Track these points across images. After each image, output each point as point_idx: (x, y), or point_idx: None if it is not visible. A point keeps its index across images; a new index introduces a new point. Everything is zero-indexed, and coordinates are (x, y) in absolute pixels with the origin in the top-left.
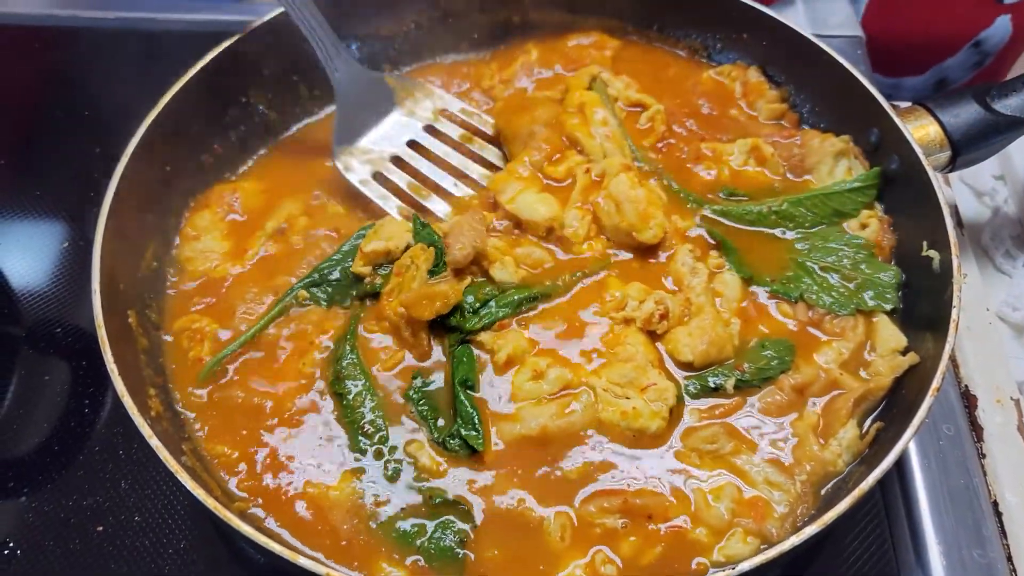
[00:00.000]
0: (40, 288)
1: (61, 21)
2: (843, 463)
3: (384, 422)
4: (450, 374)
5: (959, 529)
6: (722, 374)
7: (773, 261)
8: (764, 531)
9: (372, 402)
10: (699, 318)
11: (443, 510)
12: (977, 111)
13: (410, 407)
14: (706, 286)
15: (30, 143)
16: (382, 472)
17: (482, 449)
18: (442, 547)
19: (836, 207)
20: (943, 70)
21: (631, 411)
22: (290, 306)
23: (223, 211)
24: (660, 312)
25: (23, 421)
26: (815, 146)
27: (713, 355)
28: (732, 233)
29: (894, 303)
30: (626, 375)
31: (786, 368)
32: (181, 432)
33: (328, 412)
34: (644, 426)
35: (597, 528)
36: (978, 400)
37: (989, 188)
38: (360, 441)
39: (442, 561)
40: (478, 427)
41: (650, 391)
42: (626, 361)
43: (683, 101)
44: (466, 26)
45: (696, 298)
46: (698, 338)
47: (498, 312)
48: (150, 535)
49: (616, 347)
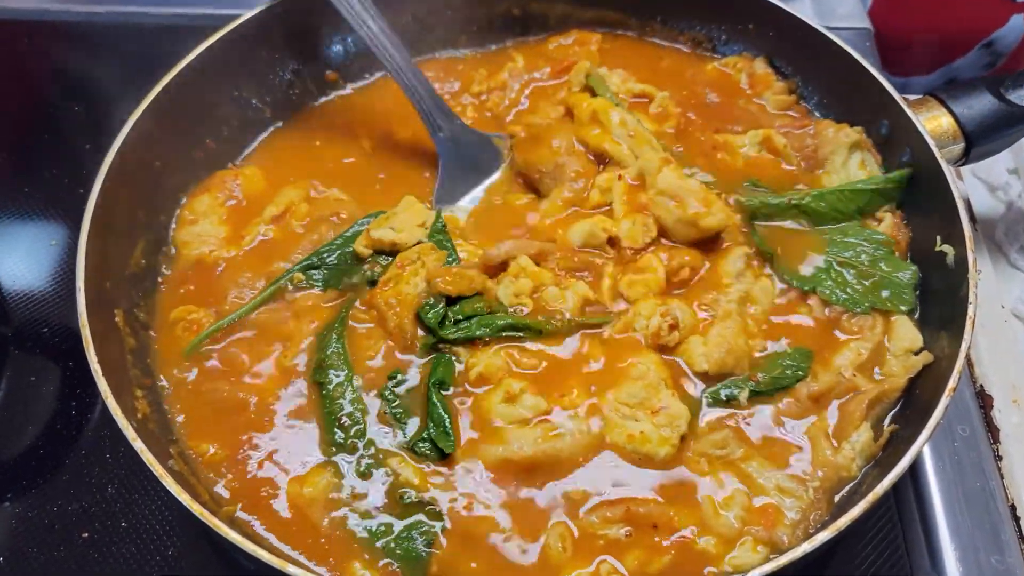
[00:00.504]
0: (29, 287)
1: (54, 16)
2: (856, 467)
3: (362, 416)
4: (426, 376)
5: (975, 533)
6: (735, 385)
7: (792, 254)
8: (775, 539)
9: (352, 394)
10: (722, 324)
11: (412, 509)
12: (991, 102)
13: (384, 407)
14: (742, 295)
15: (19, 139)
16: (354, 468)
17: (451, 452)
18: (408, 549)
19: (861, 205)
20: (953, 70)
21: (638, 435)
22: (284, 289)
23: (223, 196)
24: (669, 323)
25: (9, 424)
26: (829, 136)
27: (730, 365)
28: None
29: (911, 304)
30: (636, 395)
31: (802, 376)
32: (168, 435)
33: (307, 403)
34: (652, 452)
35: (600, 540)
36: (994, 400)
37: (1003, 182)
38: (335, 434)
39: (407, 563)
40: (449, 430)
41: (661, 415)
42: (637, 380)
43: (689, 92)
44: (465, 19)
45: (727, 304)
46: (715, 346)
47: (475, 329)
48: (136, 541)
49: (625, 364)
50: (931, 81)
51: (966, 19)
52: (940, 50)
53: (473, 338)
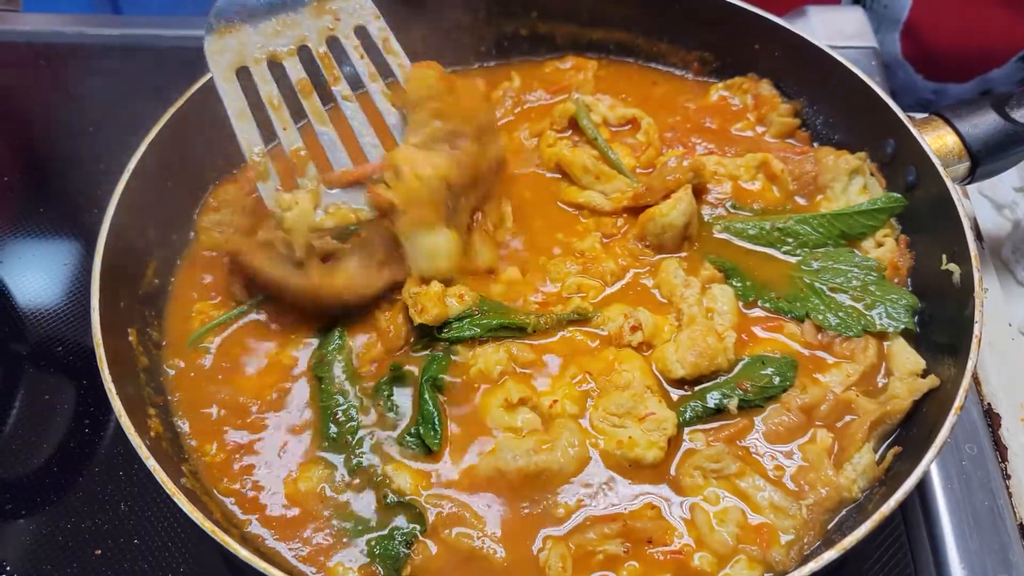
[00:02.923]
0: (44, 306)
1: (67, 38)
2: (859, 489)
3: (357, 412)
4: (420, 372)
5: (984, 553)
6: (723, 393)
7: (779, 281)
8: (768, 559)
9: (349, 389)
10: (689, 329)
11: (396, 509)
12: (996, 120)
13: (378, 400)
14: (698, 297)
15: (35, 160)
16: (344, 463)
17: (437, 448)
18: (388, 549)
19: (843, 228)
20: (988, 80)
21: (627, 440)
22: None
23: (249, 188)
24: (631, 325)
25: (23, 441)
26: (829, 163)
27: (704, 366)
28: (738, 254)
29: (907, 323)
30: (623, 405)
31: (788, 385)
32: (180, 453)
33: (308, 399)
34: (640, 456)
35: (599, 555)
36: (1002, 419)
37: (1009, 201)
38: (329, 428)
39: (387, 563)
40: (437, 427)
41: (648, 421)
42: (623, 389)
43: (683, 118)
44: (473, 40)
45: (688, 309)
46: (687, 349)
47: (465, 330)
48: (149, 559)
49: (611, 373)
50: (967, 90)
51: (997, 33)
52: (977, 60)
53: (462, 339)
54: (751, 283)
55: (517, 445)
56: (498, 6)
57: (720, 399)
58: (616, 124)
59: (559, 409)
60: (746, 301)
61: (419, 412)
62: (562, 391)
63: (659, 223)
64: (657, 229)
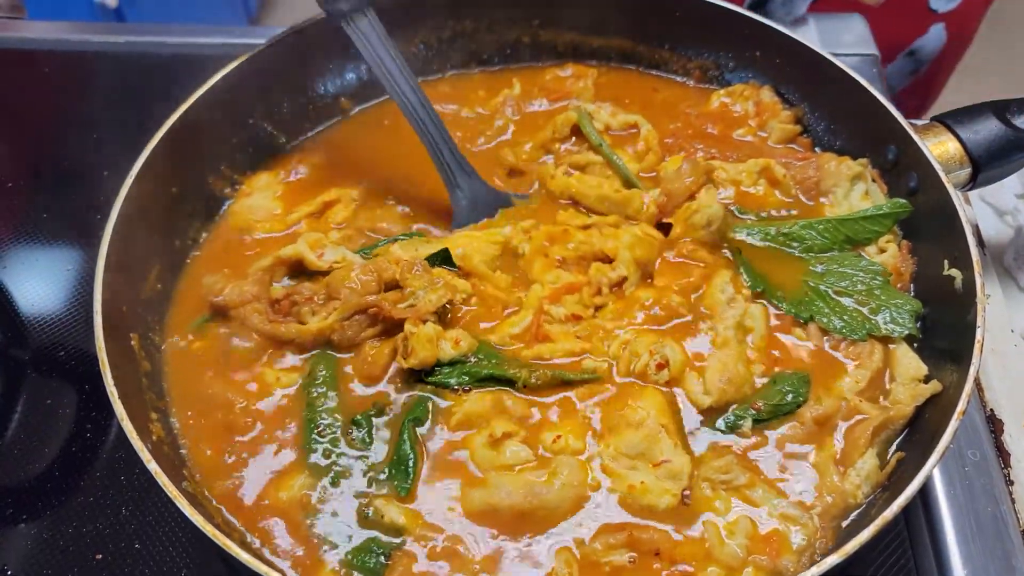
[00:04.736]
0: (46, 311)
1: (71, 46)
2: (863, 494)
3: (339, 432)
4: (406, 411)
5: (988, 560)
6: (737, 415)
7: (787, 283)
8: (779, 567)
9: (333, 404)
10: (721, 352)
11: (376, 523)
12: (997, 127)
13: (354, 431)
14: (738, 320)
15: (38, 166)
16: (325, 473)
17: (405, 495)
18: (365, 562)
19: (849, 233)
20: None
21: (639, 486)
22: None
23: (284, 175)
24: (657, 362)
25: (25, 446)
26: (831, 169)
27: (731, 394)
28: (748, 253)
29: (911, 329)
30: (636, 446)
31: (802, 401)
32: (182, 459)
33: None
34: (653, 503)
35: (606, 566)
36: (1004, 425)
37: (1011, 207)
38: (312, 441)
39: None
40: (410, 470)
41: (662, 468)
42: (636, 427)
43: (684, 124)
44: (474, 48)
45: (724, 331)
46: (717, 373)
47: (449, 377)
48: (150, 563)
49: (624, 408)
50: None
51: (888, 29)
52: None
53: (443, 383)
54: (758, 274)
55: (512, 480)
56: (501, 14)
57: (734, 420)
58: (619, 130)
59: (561, 445)
60: (753, 291)
61: (396, 450)
62: (567, 427)
63: (704, 214)
64: (703, 221)
